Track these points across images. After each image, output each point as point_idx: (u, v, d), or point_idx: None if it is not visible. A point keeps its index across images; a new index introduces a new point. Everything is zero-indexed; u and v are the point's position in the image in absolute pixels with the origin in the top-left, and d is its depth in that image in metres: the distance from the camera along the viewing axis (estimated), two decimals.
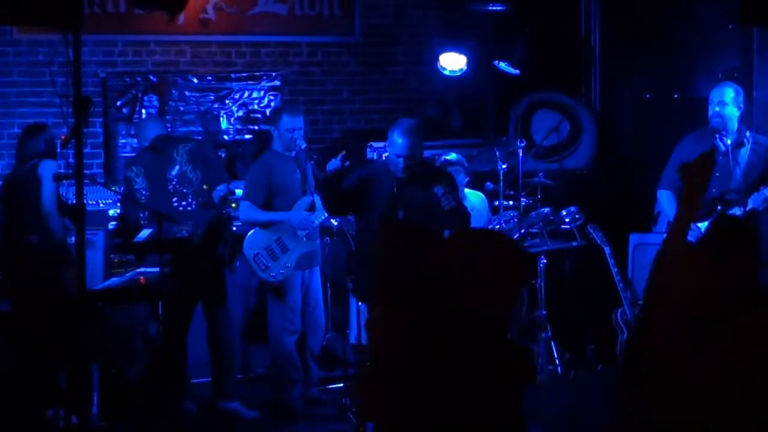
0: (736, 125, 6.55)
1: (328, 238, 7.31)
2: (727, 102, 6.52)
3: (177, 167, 6.52)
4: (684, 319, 2.92)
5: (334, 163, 6.15)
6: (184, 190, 6.50)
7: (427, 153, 7.97)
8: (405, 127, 5.79)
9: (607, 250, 7.17)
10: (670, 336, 2.93)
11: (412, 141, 5.75)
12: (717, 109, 6.51)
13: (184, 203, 6.51)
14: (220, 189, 6.54)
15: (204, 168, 6.54)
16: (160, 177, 6.50)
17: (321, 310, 6.79)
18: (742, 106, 6.59)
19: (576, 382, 7.09)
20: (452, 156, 7.43)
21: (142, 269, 6.46)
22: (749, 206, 6.41)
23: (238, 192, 7.50)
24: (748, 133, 6.58)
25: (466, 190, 7.54)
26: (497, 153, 7.27)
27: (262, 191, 6.50)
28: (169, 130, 7.74)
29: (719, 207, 6.46)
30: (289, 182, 6.54)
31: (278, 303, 6.58)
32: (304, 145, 6.46)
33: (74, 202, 5.01)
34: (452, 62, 8.18)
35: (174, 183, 6.51)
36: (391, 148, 5.82)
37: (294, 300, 6.58)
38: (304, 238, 6.55)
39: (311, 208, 6.58)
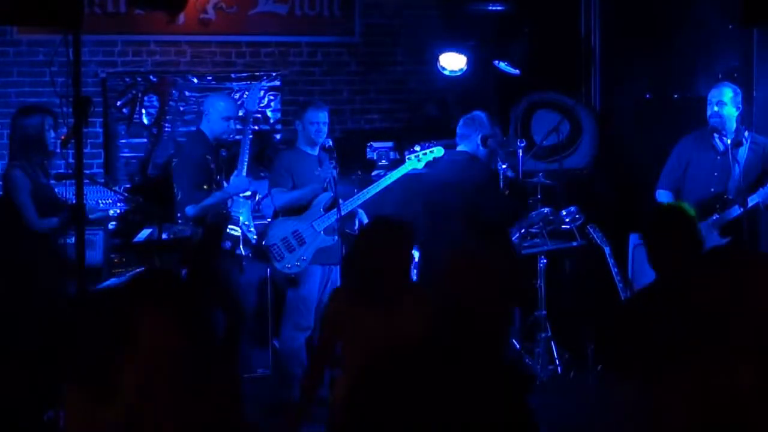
0: (734, 125, 6.57)
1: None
2: (726, 102, 6.54)
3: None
4: None
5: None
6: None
7: None
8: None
9: (607, 250, 7.17)
10: None
11: None
12: (716, 109, 6.54)
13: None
14: (188, 211, 6.54)
15: (177, 185, 6.64)
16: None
17: None
18: (740, 106, 6.62)
19: (576, 382, 7.08)
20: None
21: (142, 269, 6.46)
22: (750, 204, 6.41)
23: None
24: (746, 133, 6.59)
25: None
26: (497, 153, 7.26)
27: (284, 178, 6.67)
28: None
29: (718, 206, 6.47)
30: (310, 180, 6.62)
31: (293, 297, 6.61)
32: (329, 143, 6.59)
33: (74, 202, 5.02)
34: (452, 62, 8.18)
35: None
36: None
37: (309, 295, 6.59)
38: (322, 233, 6.59)
39: (332, 205, 6.61)
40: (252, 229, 6.71)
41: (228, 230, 6.55)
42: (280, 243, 6.57)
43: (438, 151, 6.90)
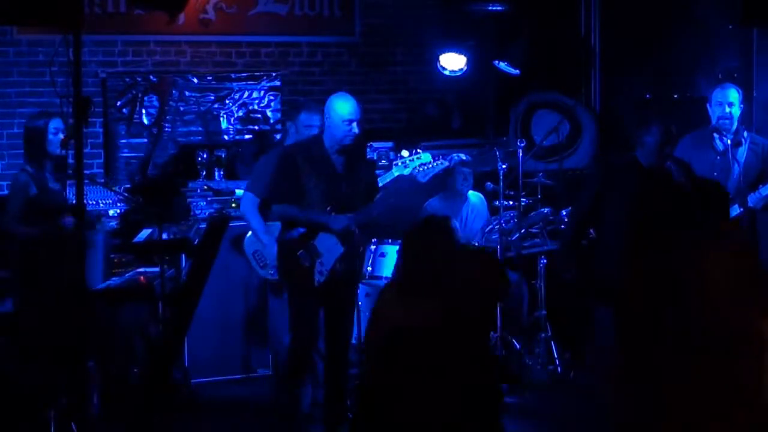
0: (736, 125, 6.57)
1: None
2: (734, 102, 6.53)
3: None
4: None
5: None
6: None
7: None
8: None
9: None
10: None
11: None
12: (727, 110, 6.51)
13: None
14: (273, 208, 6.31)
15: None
16: None
17: None
18: (742, 105, 6.62)
19: (576, 382, 7.08)
20: (463, 156, 7.53)
21: (142, 269, 6.46)
22: (750, 204, 6.41)
23: (239, 192, 7.52)
24: (745, 133, 6.59)
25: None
26: (497, 153, 7.27)
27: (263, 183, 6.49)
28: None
29: None
30: None
31: (278, 301, 6.56)
32: None
33: (74, 202, 5.02)
34: (452, 62, 8.19)
35: None
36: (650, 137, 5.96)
37: None
38: None
39: None
40: (323, 270, 5.98)
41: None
42: (262, 249, 6.49)
43: (425, 158, 6.75)
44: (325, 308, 6.18)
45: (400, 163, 6.67)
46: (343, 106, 6.02)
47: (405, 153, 6.65)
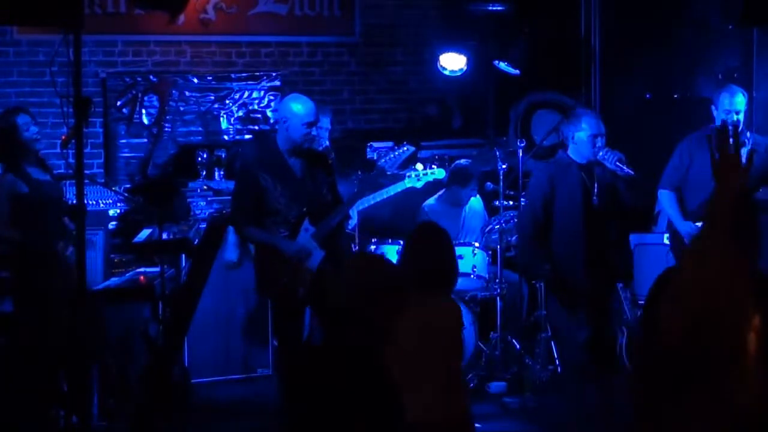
0: (740, 128, 6.53)
1: None
2: (741, 110, 6.43)
3: None
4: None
5: None
6: None
7: (426, 153, 8.02)
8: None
9: None
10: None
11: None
12: (735, 118, 6.43)
13: None
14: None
15: None
16: None
17: None
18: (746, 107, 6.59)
19: (576, 382, 7.07)
20: (464, 161, 7.56)
21: (142, 269, 6.46)
22: None
23: None
24: (748, 134, 6.56)
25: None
26: (497, 153, 7.27)
27: None
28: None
29: None
30: None
31: None
32: (326, 144, 6.43)
33: (74, 202, 5.02)
34: (452, 62, 8.19)
35: None
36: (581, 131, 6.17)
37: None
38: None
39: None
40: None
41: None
42: None
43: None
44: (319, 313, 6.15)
45: (413, 176, 6.65)
46: (302, 109, 5.89)
47: (420, 166, 6.65)
